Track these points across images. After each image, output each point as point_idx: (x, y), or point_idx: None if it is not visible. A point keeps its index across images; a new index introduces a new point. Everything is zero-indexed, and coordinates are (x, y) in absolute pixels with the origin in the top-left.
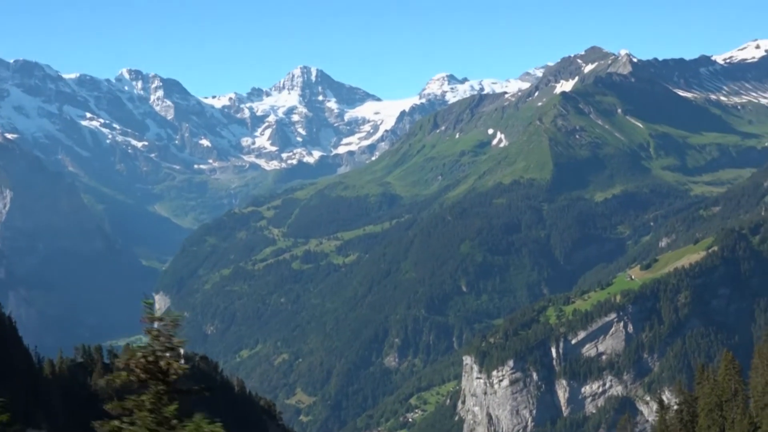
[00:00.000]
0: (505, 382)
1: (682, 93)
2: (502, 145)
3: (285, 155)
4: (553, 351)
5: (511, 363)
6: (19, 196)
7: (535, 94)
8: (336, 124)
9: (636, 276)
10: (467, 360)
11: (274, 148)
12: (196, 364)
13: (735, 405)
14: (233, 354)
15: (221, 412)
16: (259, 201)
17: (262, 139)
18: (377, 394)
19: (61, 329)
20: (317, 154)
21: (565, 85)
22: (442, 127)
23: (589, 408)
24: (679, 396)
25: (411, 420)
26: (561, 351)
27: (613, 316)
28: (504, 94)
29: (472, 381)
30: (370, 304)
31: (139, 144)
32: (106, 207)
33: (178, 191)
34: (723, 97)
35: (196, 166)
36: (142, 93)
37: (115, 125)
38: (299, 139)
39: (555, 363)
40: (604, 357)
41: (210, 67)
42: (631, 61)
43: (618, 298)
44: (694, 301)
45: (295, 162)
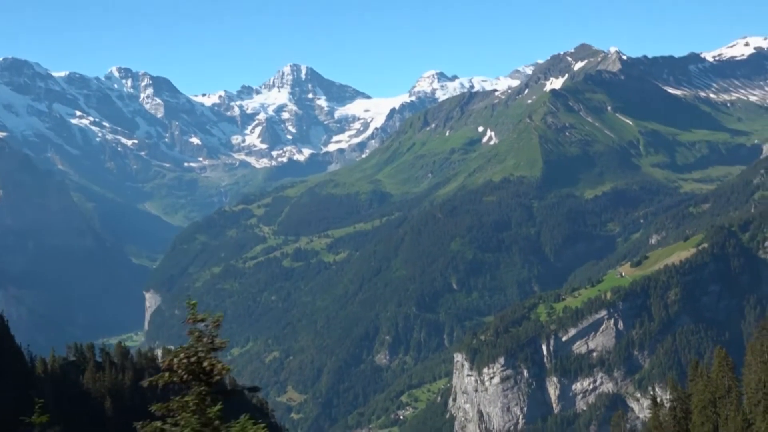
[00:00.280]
0: (496, 380)
1: (671, 90)
2: (492, 142)
3: (275, 153)
4: (543, 348)
5: (501, 360)
6: (9, 195)
7: (525, 91)
8: (326, 122)
9: (626, 273)
10: (458, 357)
11: (264, 146)
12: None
13: (729, 402)
14: (224, 352)
15: None
16: (250, 199)
17: (252, 137)
18: (368, 392)
19: (52, 328)
20: (307, 151)
21: (555, 83)
22: (432, 125)
23: (580, 405)
24: (673, 393)
25: (402, 417)
26: (552, 348)
27: (603, 313)
28: (494, 91)
29: (463, 378)
30: (360, 302)
31: (128, 142)
32: (96, 205)
33: (169, 189)
34: (712, 95)
35: (186, 164)
36: (131, 91)
37: (104, 123)
38: (289, 136)
39: (546, 360)
40: (595, 354)
41: (200, 65)
42: (620, 58)
43: (608, 295)
44: (684, 298)
45: (285, 160)
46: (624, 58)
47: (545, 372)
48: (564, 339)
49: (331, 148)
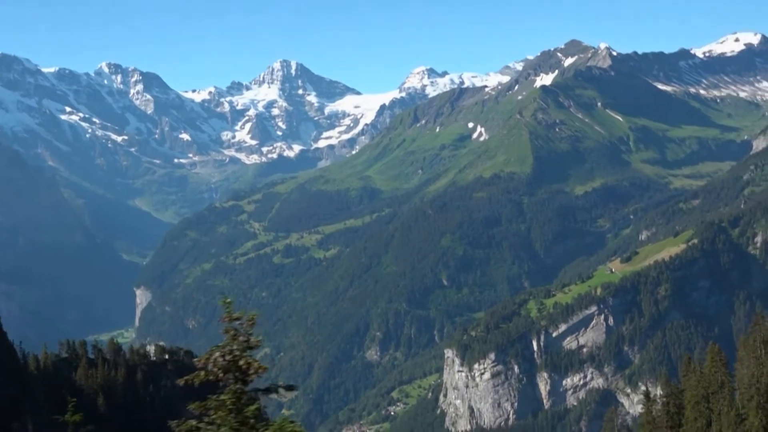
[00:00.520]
0: (487, 375)
1: (661, 86)
2: (482, 138)
3: (265, 149)
4: (534, 344)
5: (492, 356)
6: None
7: (515, 87)
8: (316, 118)
9: (616, 269)
10: (449, 353)
11: (255, 142)
12: (180, 358)
13: (722, 397)
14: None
15: None
16: (240, 195)
17: (242, 133)
18: (359, 388)
19: (42, 324)
20: (297, 148)
21: (545, 79)
22: (423, 121)
23: (570, 400)
24: (665, 388)
25: (393, 413)
26: (542, 344)
27: (593, 309)
28: (484, 87)
29: (454, 374)
30: (351, 298)
31: (118, 138)
32: (87, 201)
33: (159, 185)
34: (702, 91)
35: (176, 161)
36: (121, 87)
37: (94, 119)
38: (279, 133)
39: (536, 356)
40: (585, 350)
41: (190, 60)
42: (610, 54)
43: (598, 291)
44: (674, 294)
45: (275, 156)
46: (614, 54)
47: (536, 368)
48: (554, 335)
49: (321, 144)
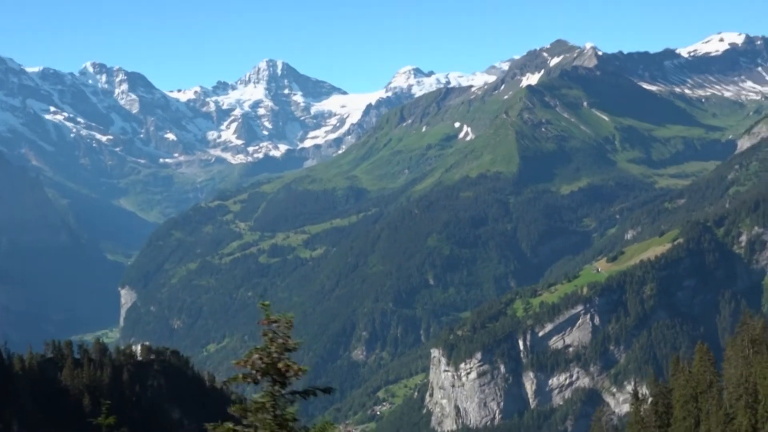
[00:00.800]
0: (473, 375)
1: (647, 86)
2: (468, 138)
3: (251, 149)
4: (520, 343)
5: (478, 355)
6: None
7: (501, 87)
8: (302, 118)
9: (602, 268)
10: (435, 353)
11: (240, 142)
12: (167, 358)
13: (710, 397)
14: (200, 348)
15: (192, 406)
16: (226, 195)
17: (228, 133)
18: (345, 388)
19: (27, 324)
20: (283, 147)
21: (531, 79)
22: (409, 121)
23: (557, 400)
24: (654, 388)
25: (379, 413)
26: (528, 343)
27: (579, 308)
28: (470, 87)
29: (440, 374)
30: (337, 298)
31: (103, 138)
32: (71, 201)
33: (144, 185)
34: (687, 90)
35: (161, 160)
36: (106, 87)
37: (79, 119)
38: (265, 132)
39: (522, 355)
40: (571, 349)
41: (175, 60)
42: (596, 54)
43: (584, 290)
44: (659, 293)
45: (261, 156)
46: (600, 53)
47: (522, 367)
48: (540, 334)
49: (308, 143)
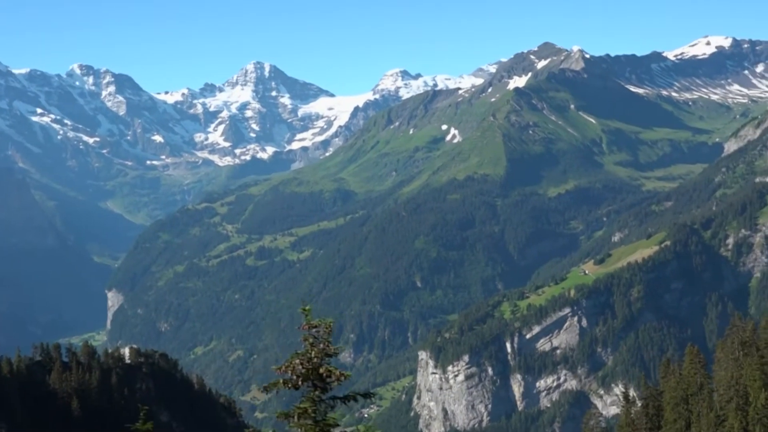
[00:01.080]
0: (461, 377)
1: (634, 89)
2: (455, 140)
3: (238, 151)
4: (507, 346)
5: (466, 358)
6: None
7: (489, 89)
8: (289, 120)
9: (589, 271)
10: (422, 355)
11: (228, 144)
12: (155, 361)
13: (701, 399)
14: (187, 351)
15: (181, 409)
16: (213, 197)
17: (215, 135)
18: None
19: (13, 327)
20: (271, 149)
21: (518, 81)
22: (396, 123)
23: (544, 402)
24: (644, 390)
25: (366, 415)
26: (516, 346)
27: (567, 310)
28: (457, 89)
29: (428, 376)
30: (325, 300)
31: (90, 140)
32: (58, 203)
33: (131, 187)
34: (674, 93)
35: (148, 162)
36: (93, 88)
37: (66, 121)
38: (252, 134)
39: (510, 358)
40: (559, 351)
41: (162, 62)
42: (583, 57)
43: (572, 292)
44: (646, 296)
45: (248, 158)
46: (587, 56)
47: (509, 370)
48: (528, 337)
49: (295, 146)
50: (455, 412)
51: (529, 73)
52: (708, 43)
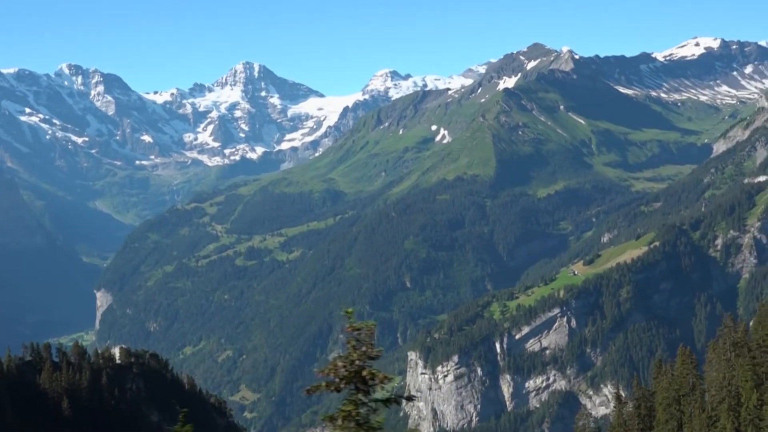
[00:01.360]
0: (450, 378)
1: (623, 90)
2: (445, 141)
3: (228, 151)
4: (497, 346)
5: (455, 358)
6: None
7: (478, 90)
8: (279, 120)
9: (579, 271)
10: (412, 356)
11: (217, 144)
12: (146, 361)
13: (693, 399)
14: (176, 351)
15: (171, 409)
16: (202, 197)
17: (205, 135)
18: None
19: (1, 327)
20: (260, 150)
21: (508, 82)
22: (386, 124)
23: (533, 402)
24: (636, 391)
25: None
26: (505, 346)
27: (556, 311)
28: (447, 90)
29: (417, 376)
30: (314, 300)
31: (79, 140)
32: (47, 203)
33: (120, 187)
34: (663, 94)
35: (137, 162)
36: (82, 88)
37: (54, 121)
38: (242, 135)
39: (499, 358)
40: (548, 352)
41: (151, 62)
42: (573, 57)
43: (561, 293)
44: (635, 296)
45: (237, 158)
46: (576, 57)
47: (499, 370)
48: (517, 337)
49: (284, 146)
50: (444, 412)
51: (519, 74)
52: (697, 44)
